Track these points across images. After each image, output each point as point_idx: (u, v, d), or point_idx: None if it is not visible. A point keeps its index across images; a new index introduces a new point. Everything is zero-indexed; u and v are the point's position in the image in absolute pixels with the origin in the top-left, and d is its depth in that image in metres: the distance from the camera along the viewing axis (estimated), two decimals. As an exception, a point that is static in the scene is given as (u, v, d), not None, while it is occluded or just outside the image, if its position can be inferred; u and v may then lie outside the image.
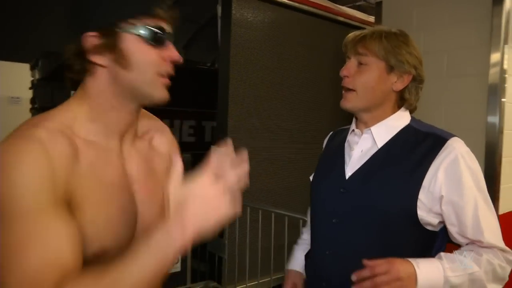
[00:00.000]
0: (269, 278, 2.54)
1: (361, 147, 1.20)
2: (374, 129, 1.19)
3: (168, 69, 0.83)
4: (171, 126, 4.16)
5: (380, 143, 1.18)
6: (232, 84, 2.64)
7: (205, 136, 4.55)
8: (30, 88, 3.49)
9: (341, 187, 1.16)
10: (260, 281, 2.55)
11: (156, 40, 0.80)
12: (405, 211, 1.09)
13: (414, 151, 1.13)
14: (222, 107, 2.69)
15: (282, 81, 2.91)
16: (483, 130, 2.26)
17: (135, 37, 0.79)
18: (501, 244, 1.09)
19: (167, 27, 0.82)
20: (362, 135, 1.22)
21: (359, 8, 4.74)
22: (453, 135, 1.14)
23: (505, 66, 2.25)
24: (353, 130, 1.27)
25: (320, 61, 3.13)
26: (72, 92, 0.87)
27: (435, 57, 2.47)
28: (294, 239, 2.30)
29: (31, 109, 3.56)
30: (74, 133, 0.80)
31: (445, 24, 2.46)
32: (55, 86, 3.26)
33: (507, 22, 2.26)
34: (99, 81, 0.81)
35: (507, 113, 2.26)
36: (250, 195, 2.72)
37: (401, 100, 1.21)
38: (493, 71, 2.26)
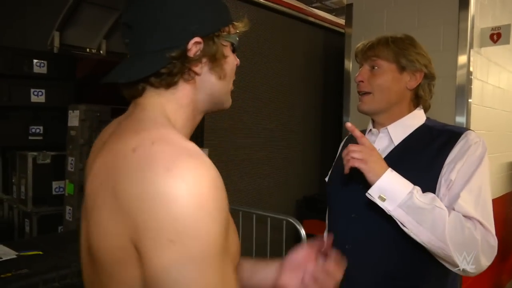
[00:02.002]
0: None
1: (378, 146, 1.24)
2: (391, 128, 1.24)
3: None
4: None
5: (397, 141, 1.22)
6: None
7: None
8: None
9: (359, 184, 1.18)
10: (240, 283, 2.53)
11: (236, 48, 0.80)
12: None
13: (430, 147, 1.17)
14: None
15: (257, 81, 2.90)
16: (451, 129, 2.38)
17: (229, 46, 0.77)
18: (485, 221, 1.08)
19: None
20: (379, 134, 1.26)
21: (319, 9, 4.85)
22: (467, 129, 1.19)
23: (471, 69, 2.38)
24: (370, 130, 1.30)
25: (293, 61, 3.15)
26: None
27: (405, 59, 2.57)
28: (276, 239, 2.32)
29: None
30: None
31: (415, 27, 2.56)
32: (12, 83, 3.06)
33: (472, 27, 2.39)
34: (192, 90, 0.75)
35: (473, 114, 2.39)
36: (229, 196, 2.68)
37: (416, 99, 1.26)
38: (461, 73, 2.38)
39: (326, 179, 1.40)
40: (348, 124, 1.10)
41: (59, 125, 3.04)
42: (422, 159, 1.17)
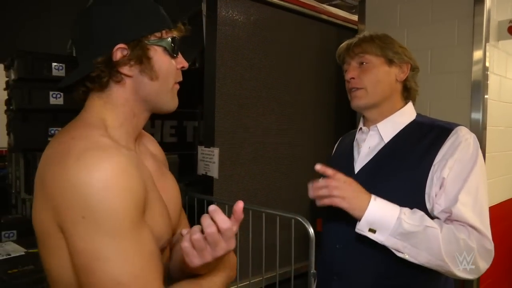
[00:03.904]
0: (261, 278, 2.53)
1: (368, 144, 1.25)
2: (381, 125, 1.25)
3: (180, 76, 0.93)
4: (152, 127, 4.10)
5: (387, 139, 1.23)
6: (219, 83, 2.61)
7: (187, 136, 4.50)
8: (5, 89, 3.35)
9: None
10: (252, 281, 2.54)
11: (175, 51, 0.89)
12: (413, 201, 1.11)
13: (420, 144, 1.17)
14: (209, 106, 2.66)
15: (269, 79, 2.89)
16: (467, 126, 2.29)
17: (160, 49, 0.87)
18: (481, 225, 1.07)
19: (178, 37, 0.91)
20: (369, 132, 1.25)
21: (335, 7, 4.79)
22: (458, 124, 1.17)
23: (487, 64, 2.31)
24: (360, 129, 1.30)
25: (306, 59, 3.13)
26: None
27: (419, 54, 2.48)
28: (286, 238, 2.32)
29: (6, 111, 3.42)
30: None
31: (429, 22, 2.50)
32: (32, 87, 3.15)
33: (488, 20, 2.32)
34: (125, 91, 0.86)
35: (490, 110, 2.32)
36: (239, 196, 2.70)
37: (405, 91, 1.28)
38: (476, 69, 2.31)
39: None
40: (318, 167, 1.09)
41: (76, 126, 3.11)
42: (412, 156, 1.16)
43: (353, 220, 1.11)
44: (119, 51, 0.83)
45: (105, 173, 0.71)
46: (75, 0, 3.89)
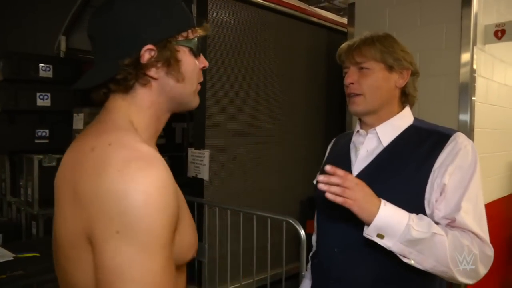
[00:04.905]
0: (252, 280, 2.52)
1: (366, 147, 1.24)
2: (379, 128, 1.23)
3: (202, 76, 0.88)
4: (140, 128, 4.08)
5: (385, 142, 1.22)
6: (209, 84, 2.60)
7: (175, 137, 4.47)
8: (-8, 90, 3.30)
9: None
10: (243, 283, 2.53)
11: (199, 52, 0.85)
12: (412, 206, 1.11)
13: (419, 149, 1.17)
14: (199, 108, 2.64)
15: (259, 81, 2.90)
16: (455, 128, 2.34)
17: (187, 50, 0.82)
18: (482, 233, 1.09)
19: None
20: (367, 135, 1.25)
21: (323, 9, 4.83)
22: (456, 131, 1.18)
23: (475, 66, 2.34)
24: (357, 131, 1.29)
25: (296, 61, 3.14)
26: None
27: (408, 57, 2.54)
28: (276, 240, 2.32)
29: (-8, 112, 3.37)
30: None
31: (417, 25, 2.53)
32: (19, 88, 3.10)
33: (475, 24, 2.35)
34: (151, 93, 0.81)
35: (477, 112, 2.36)
36: (229, 198, 2.69)
37: (403, 96, 1.26)
38: (464, 71, 2.34)
39: (314, 181, 1.39)
40: (328, 167, 1.06)
41: (64, 128, 3.08)
42: (411, 161, 1.16)
43: (352, 223, 1.10)
44: (147, 53, 0.77)
45: (147, 187, 0.67)
46: (62, 1, 3.85)
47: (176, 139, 4.44)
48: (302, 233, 2.08)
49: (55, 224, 0.76)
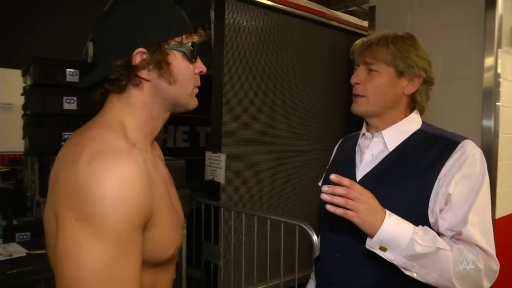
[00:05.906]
0: (265, 285, 2.51)
1: (372, 151, 1.21)
2: (385, 133, 1.20)
3: (199, 81, 0.93)
4: (164, 132, 4.14)
5: (391, 147, 1.19)
6: (226, 89, 2.62)
7: (200, 141, 4.53)
8: (22, 94, 3.45)
9: None
10: (256, 288, 2.53)
11: (194, 56, 0.89)
12: (415, 213, 1.08)
13: (425, 155, 1.13)
14: (216, 112, 2.67)
15: (276, 85, 2.90)
16: (478, 134, 2.26)
17: (180, 54, 0.87)
18: (488, 246, 1.06)
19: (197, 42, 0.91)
20: (373, 139, 1.22)
21: (351, 14, 4.78)
22: (465, 138, 1.14)
23: (499, 70, 2.26)
24: (363, 134, 1.27)
25: (314, 65, 3.12)
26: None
27: (429, 61, 2.48)
28: (290, 245, 2.31)
29: (23, 116, 3.52)
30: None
31: (439, 28, 2.47)
32: (47, 92, 3.23)
33: (500, 26, 2.27)
34: (144, 94, 0.86)
35: (502, 117, 2.27)
36: (245, 202, 2.70)
37: (412, 103, 1.22)
38: (488, 75, 2.26)
39: (320, 183, 1.38)
40: (333, 176, 1.03)
41: (89, 131, 3.17)
42: (417, 167, 1.12)
43: (353, 229, 1.08)
44: (139, 55, 0.82)
45: (110, 181, 0.71)
46: (90, 7, 3.98)
47: (200, 143, 4.50)
48: (315, 238, 2.05)
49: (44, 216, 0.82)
